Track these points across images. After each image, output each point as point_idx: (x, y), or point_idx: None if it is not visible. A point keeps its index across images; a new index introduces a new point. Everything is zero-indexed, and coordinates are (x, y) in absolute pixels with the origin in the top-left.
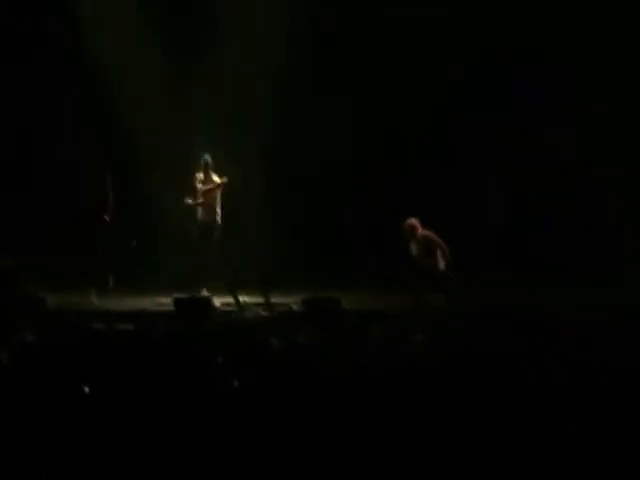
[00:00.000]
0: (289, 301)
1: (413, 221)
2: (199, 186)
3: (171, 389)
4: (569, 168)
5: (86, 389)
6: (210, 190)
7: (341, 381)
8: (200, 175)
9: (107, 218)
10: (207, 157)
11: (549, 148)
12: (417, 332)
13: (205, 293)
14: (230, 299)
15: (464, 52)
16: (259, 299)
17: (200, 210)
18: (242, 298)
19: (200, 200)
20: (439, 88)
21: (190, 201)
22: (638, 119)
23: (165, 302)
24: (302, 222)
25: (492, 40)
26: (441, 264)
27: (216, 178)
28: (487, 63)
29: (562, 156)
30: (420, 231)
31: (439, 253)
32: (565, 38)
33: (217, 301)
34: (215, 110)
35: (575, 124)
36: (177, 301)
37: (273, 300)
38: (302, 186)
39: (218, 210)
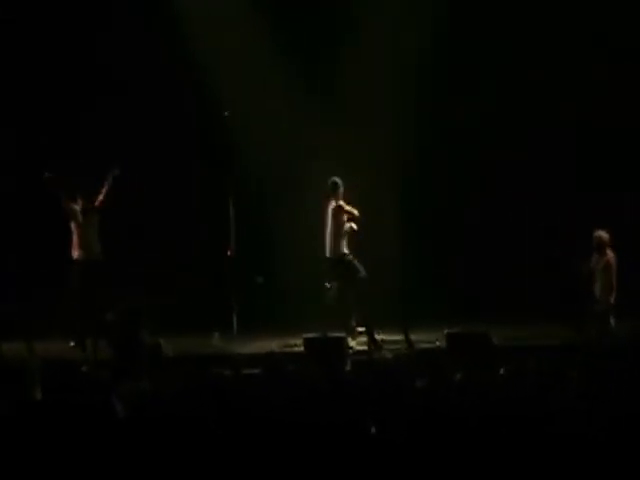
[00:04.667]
0: (431, 338)
1: (603, 234)
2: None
3: (305, 436)
4: None
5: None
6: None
7: (497, 421)
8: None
9: (229, 253)
10: (336, 179)
11: None
12: (573, 367)
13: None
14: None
15: None
16: (399, 336)
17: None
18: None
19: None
20: None
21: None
22: None
23: (295, 343)
24: (437, 251)
25: None
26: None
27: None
28: None
29: None
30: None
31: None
32: None
33: (351, 341)
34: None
35: None
36: (307, 341)
37: (413, 337)
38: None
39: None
